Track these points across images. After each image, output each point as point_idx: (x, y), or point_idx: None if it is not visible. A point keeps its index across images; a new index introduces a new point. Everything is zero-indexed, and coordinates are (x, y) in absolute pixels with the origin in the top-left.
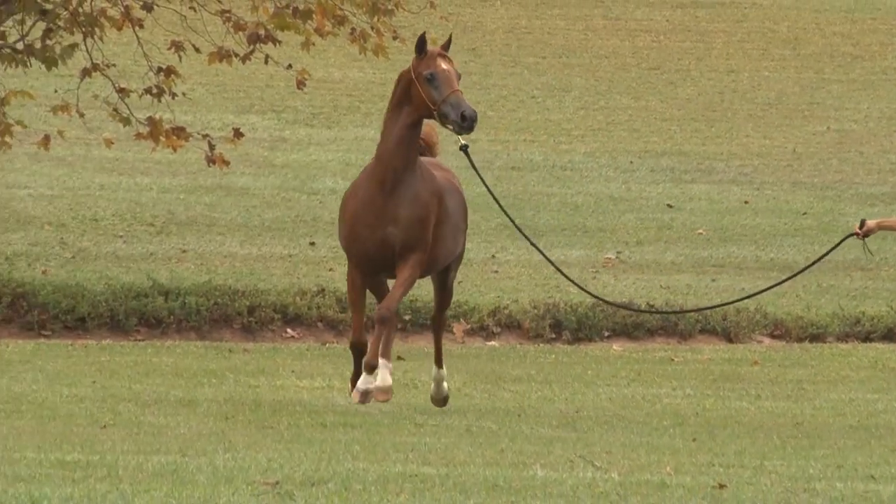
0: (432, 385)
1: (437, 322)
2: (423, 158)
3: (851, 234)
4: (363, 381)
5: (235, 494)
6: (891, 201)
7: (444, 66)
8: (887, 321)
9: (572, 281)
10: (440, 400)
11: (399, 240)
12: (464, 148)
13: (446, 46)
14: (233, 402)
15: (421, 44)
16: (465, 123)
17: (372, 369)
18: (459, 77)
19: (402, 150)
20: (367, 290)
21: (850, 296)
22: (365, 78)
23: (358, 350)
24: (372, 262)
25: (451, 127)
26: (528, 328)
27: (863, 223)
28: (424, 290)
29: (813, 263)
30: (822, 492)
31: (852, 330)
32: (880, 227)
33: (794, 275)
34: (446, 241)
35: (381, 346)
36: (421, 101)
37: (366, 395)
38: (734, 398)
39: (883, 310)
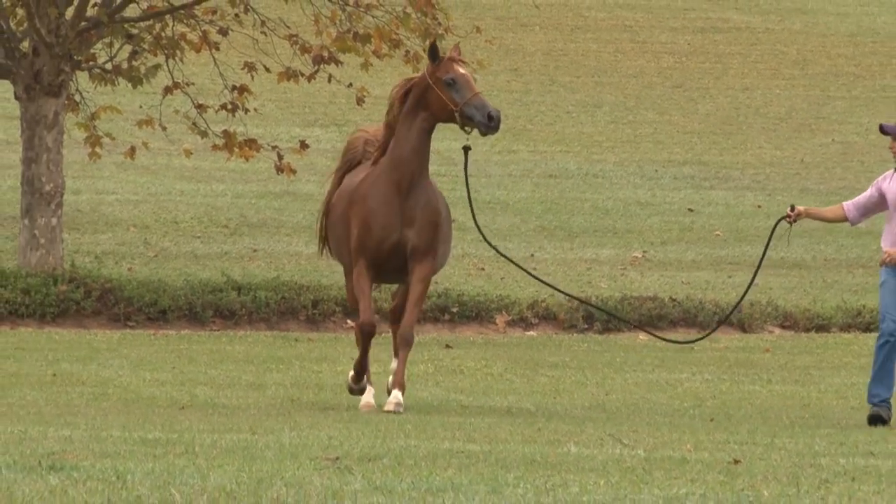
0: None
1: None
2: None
3: (783, 218)
4: (395, 395)
5: (300, 469)
6: None
7: (461, 70)
8: None
9: (520, 266)
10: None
11: (413, 243)
12: (466, 149)
13: (458, 53)
14: (298, 386)
15: (434, 51)
16: (492, 123)
17: (402, 388)
18: (476, 80)
19: (419, 155)
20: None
21: (853, 290)
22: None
23: (367, 331)
24: (384, 265)
25: (469, 129)
26: (563, 319)
27: (793, 207)
28: (470, 284)
29: (762, 258)
30: (826, 466)
31: (854, 321)
32: (807, 214)
33: (753, 277)
34: (444, 246)
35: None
36: (441, 105)
37: (400, 405)
38: (747, 382)
39: None
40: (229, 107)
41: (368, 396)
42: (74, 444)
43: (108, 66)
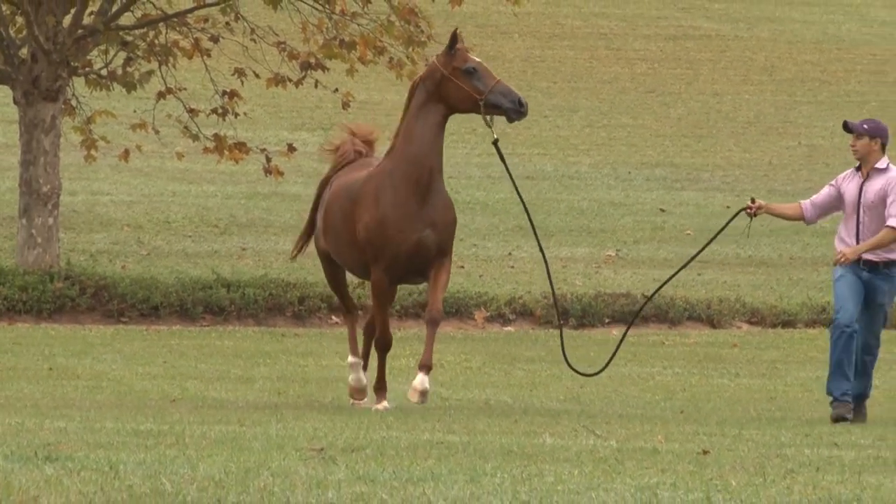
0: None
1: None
2: (362, 160)
3: (744, 209)
4: (422, 381)
5: (286, 459)
6: None
7: (477, 59)
8: None
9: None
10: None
11: (435, 243)
12: (496, 142)
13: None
14: (284, 380)
15: (454, 40)
16: (523, 108)
17: (429, 370)
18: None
19: (436, 149)
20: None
21: (818, 287)
22: (401, 100)
23: (386, 346)
24: (404, 266)
25: (490, 118)
26: (540, 315)
27: (753, 200)
28: (450, 281)
29: (713, 238)
30: (792, 457)
31: (819, 317)
32: (767, 210)
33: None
34: None
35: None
36: (462, 95)
37: (425, 394)
38: (716, 376)
39: None
40: (220, 111)
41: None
42: (69, 436)
43: (104, 71)
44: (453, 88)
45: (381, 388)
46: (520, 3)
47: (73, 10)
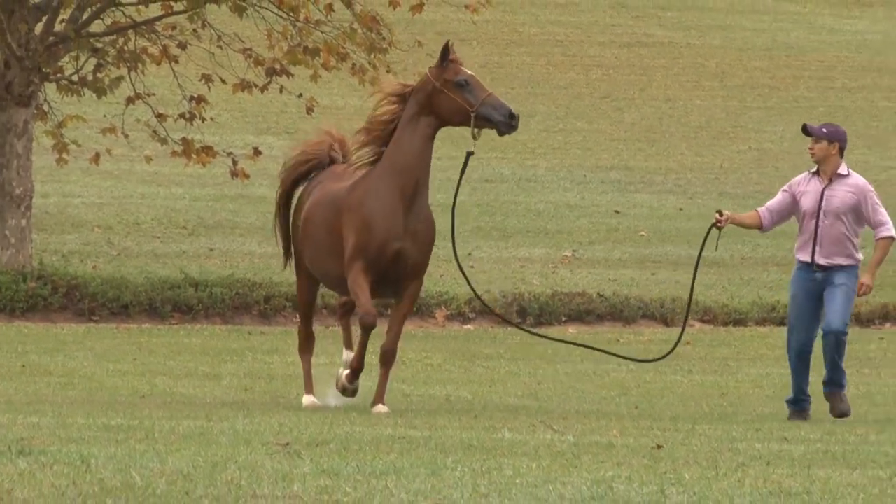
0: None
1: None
2: (341, 169)
3: (714, 225)
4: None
5: (252, 453)
6: None
7: (469, 72)
8: None
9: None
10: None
11: (412, 257)
12: (469, 154)
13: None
14: (251, 377)
15: (446, 52)
16: (514, 122)
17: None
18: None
19: (424, 160)
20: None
21: (768, 287)
22: (363, 105)
23: (368, 323)
24: (382, 274)
25: (478, 132)
26: (500, 313)
27: (721, 213)
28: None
29: (697, 263)
30: (743, 451)
31: (769, 316)
32: (732, 220)
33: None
34: None
35: (381, 388)
36: (453, 107)
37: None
38: (670, 373)
39: None
40: (187, 116)
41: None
42: (42, 431)
43: (75, 77)
44: (445, 101)
45: (356, 369)
46: (478, 11)
47: (44, 18)
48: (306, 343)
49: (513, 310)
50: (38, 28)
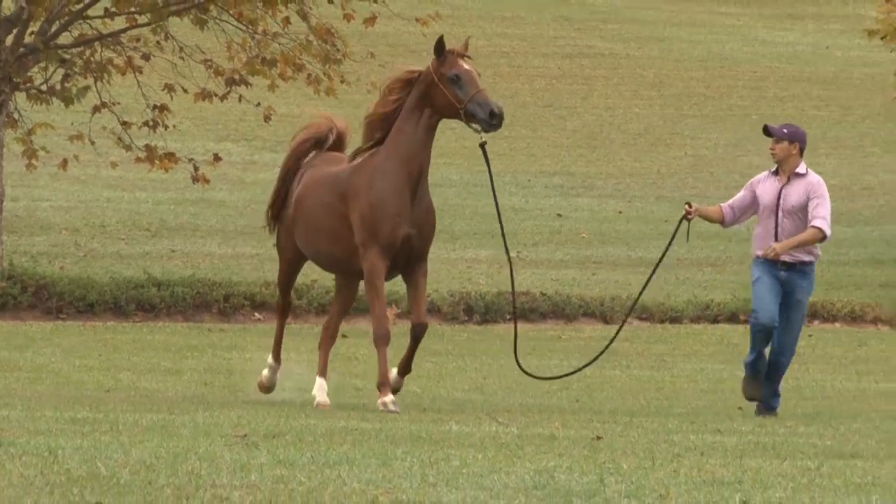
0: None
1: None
2: (332, 155)
3: (684, 217)
4: (395, 381)
5: (212, 445)
6: None
7: (466, 66)
8: (731, 306)
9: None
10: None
11: (416, 245)
12: (483, 145)
13: (466, 47)
14: (211, 372)
15: (440, 46)
16: (494, 121)
17: (405, 373)
18: (479, 76)
19: (426, 149)
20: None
21: (702, 286)
22: (318, 114)
23: (385, 336)
24: (395, 253)
25: (476, 126)
26: (446, 312)
27: (690, 204)
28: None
29: (664, 253)
30: (678, 442)
31: (703, 314)
32: (698, 213)
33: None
34: None
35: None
36: (445, 101)
37: (395, 392)
38: (609, 368)
39: (728, 297)
40: (151, 123)
41: (322, 394)
42: (11, 423)
43: (44, 87)
44: (439, 94)
45: (384, 383)
46: (428, 24)
47: (15, 31)
48: (283, 312)
49: (460, 308)
50: (9, 40)
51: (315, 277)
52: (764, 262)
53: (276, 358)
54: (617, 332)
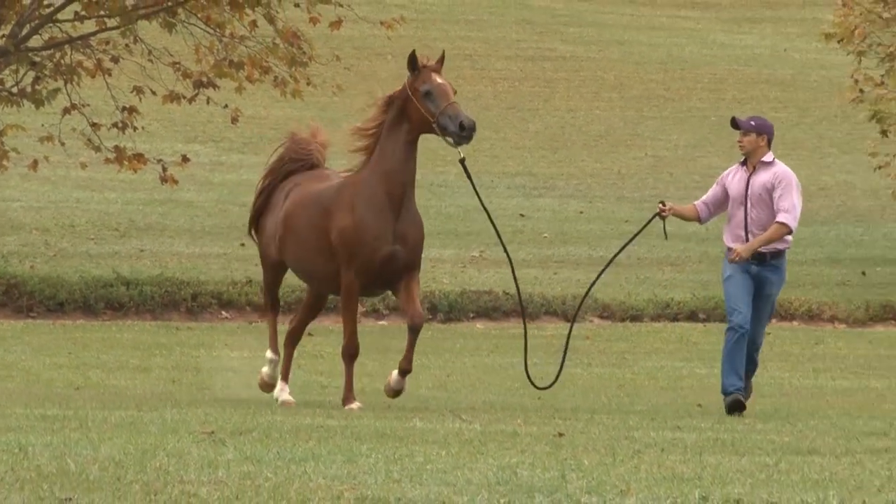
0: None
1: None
2: (318, 172)
3: (657, 214)
4: (398, 382)
5: (180, 441)
6: None
7: (439, 80)
8: (691, 305)
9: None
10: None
11: (403, 259)
12: (462, 161)
13: (440, 62)
14: (178, 369)
15: (413, 60)
16: (464, 133)
17: (407, 373)
18: (454, 91)
19: (407, 166)
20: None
21: (662, 285)
22: (285, 115)
23: (352, 354)
24: (375, 274)
25: (449, 139)
26: None
27: (664, 203)
28: None
29: (629, 241)
30: (639, 439)
31: (663, 312)
32: (672, 211)
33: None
34: None
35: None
36: (419, 116)
37: (399, 393)
38: (571, 365)
39: (687, 296)
40: (120, 125)
41: (285, 394)
42: None
43: (15, 89)
44: (413, 109)
45: (348, 398)
46: (393, 27)
47: None
48: (272, 310)
49: (424, 306)
50: None
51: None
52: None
53: (275, 350)
54: (573, 321)
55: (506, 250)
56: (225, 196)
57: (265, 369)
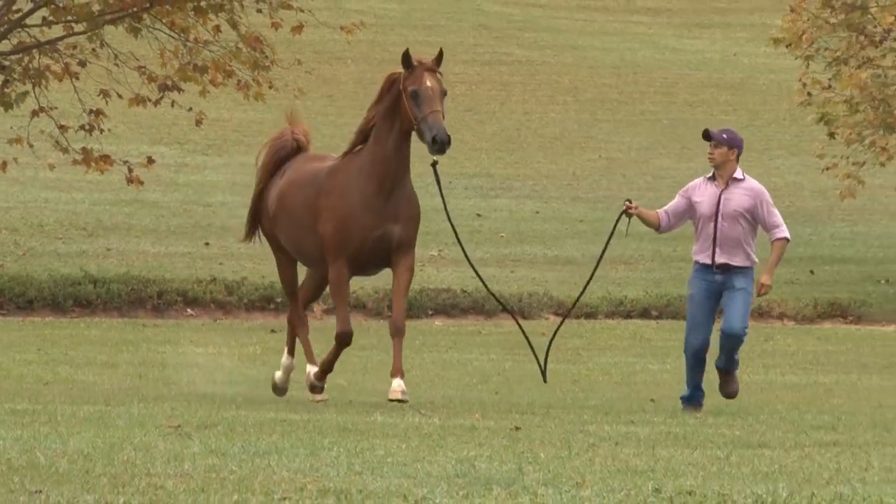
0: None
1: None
2: (313, 154)
3: (624, 212)
4: (399, 384)
5: (146, 435)
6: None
7: (428, 83)
8: (643, 303)
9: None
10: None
11: (398, 236)
12: (434, 164)
13: (438, 61)
14: (145, 365)
15: (407, 59)
16: (435, 147)
17: (402, 375)
18: (445, 93)
19: (401, 154)
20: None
21: (616, 283)
22: (248, 118)
23: (345, 341)
24: (365, 261)
25: (426, 146)
26: (371, 307)
27: (631, 200)
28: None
29: (605, 249)
30: (593, 433)
31: (617, 309)
32: (637, 212)
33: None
34: None
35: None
36: (405, 115)
37: (404, 393)
38: (527, 362)
39: (640, 294)
40: (87, 127)
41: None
42: None
43: None
44: (402, 107)
45: (324, 370)
46: (352, 32)
47: None
48: (299, 324)
49: (384, 304)
50: None
51: (245, 275)
52: (700, 268)
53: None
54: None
55: (466, 255)
56: (189, 196)
57: (278, 374)
